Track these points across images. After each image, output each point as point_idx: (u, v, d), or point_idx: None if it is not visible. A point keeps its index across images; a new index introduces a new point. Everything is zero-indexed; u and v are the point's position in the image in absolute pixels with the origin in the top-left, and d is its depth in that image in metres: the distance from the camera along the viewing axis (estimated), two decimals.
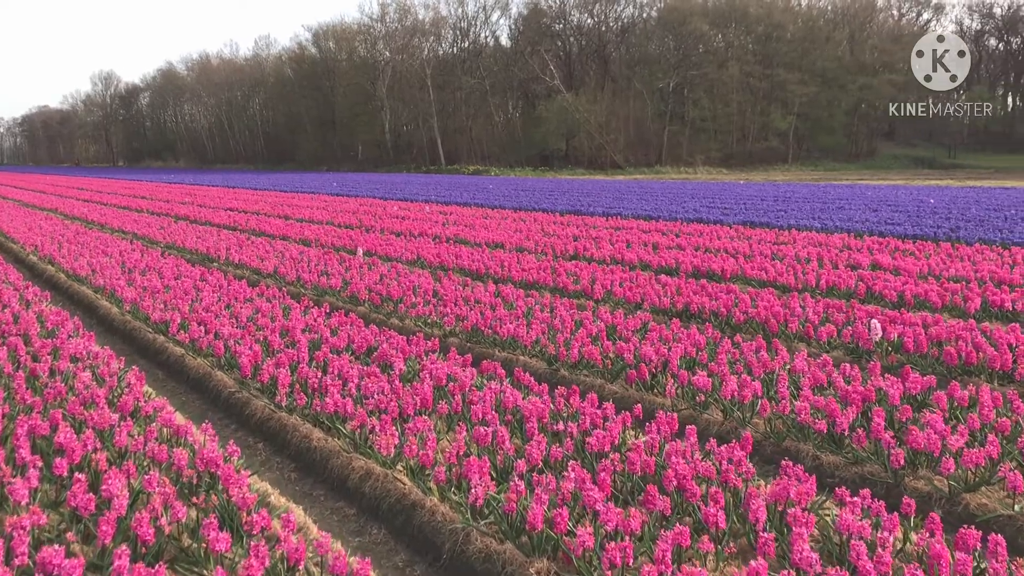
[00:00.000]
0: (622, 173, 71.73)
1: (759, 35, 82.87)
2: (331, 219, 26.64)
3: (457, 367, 8.53)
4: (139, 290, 13.64)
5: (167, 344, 10.71)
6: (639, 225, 23.73)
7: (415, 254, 17.83)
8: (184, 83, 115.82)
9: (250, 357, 8.84)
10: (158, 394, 8.74)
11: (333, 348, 9.51)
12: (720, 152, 79.36)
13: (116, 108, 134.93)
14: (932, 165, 74.05)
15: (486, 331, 10.53)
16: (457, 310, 11.56)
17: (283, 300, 12.77)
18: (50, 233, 23.24)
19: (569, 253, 18.00)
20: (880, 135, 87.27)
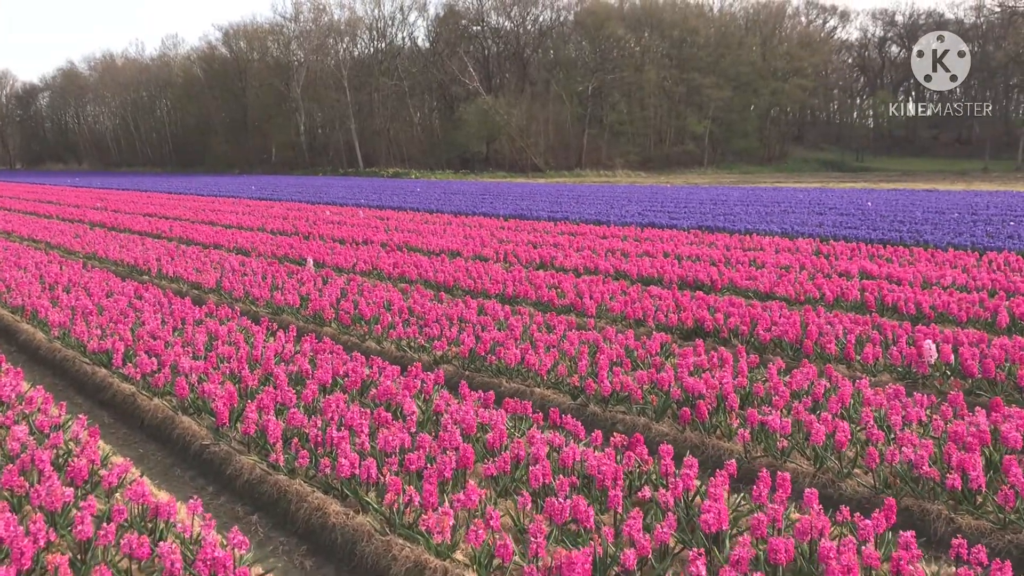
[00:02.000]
0: (543, 176, 71.17)
1: (675, 40, 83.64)
2: (263, 225, 24.80)
3: (477, 406, 7.20)
4: (66, 311, 11.84)
5: (111, 379, 9.03)
6: (592, 230, 22.72)
7: (370, 264, 16.36)
8: (87, 83, 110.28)
9: (225, 399, 7.32)
10: (109, 446, 7.16)
11: (321, 384, 8.05)
12: (639, 156, 79.79)
13: (12, 108, 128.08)
14: (841, 168, 75.90)
15: (489, 357, 9.20)
16: (447, 331, 10.19)
17: (238, 321, 11.18)
18: None
19: (535, 262, 16.80)
20: (790, 139, 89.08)
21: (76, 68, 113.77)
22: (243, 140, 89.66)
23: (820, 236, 20.38)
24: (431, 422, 7.17)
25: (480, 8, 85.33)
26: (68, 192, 46.26)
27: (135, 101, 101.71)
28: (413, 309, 11.78)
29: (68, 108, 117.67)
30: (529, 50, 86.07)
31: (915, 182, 53.10)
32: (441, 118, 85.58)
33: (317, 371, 8.28)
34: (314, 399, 7.55)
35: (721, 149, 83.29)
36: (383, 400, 7.55)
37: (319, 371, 8.24)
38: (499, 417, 6.83)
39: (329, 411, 7.06)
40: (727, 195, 38.91)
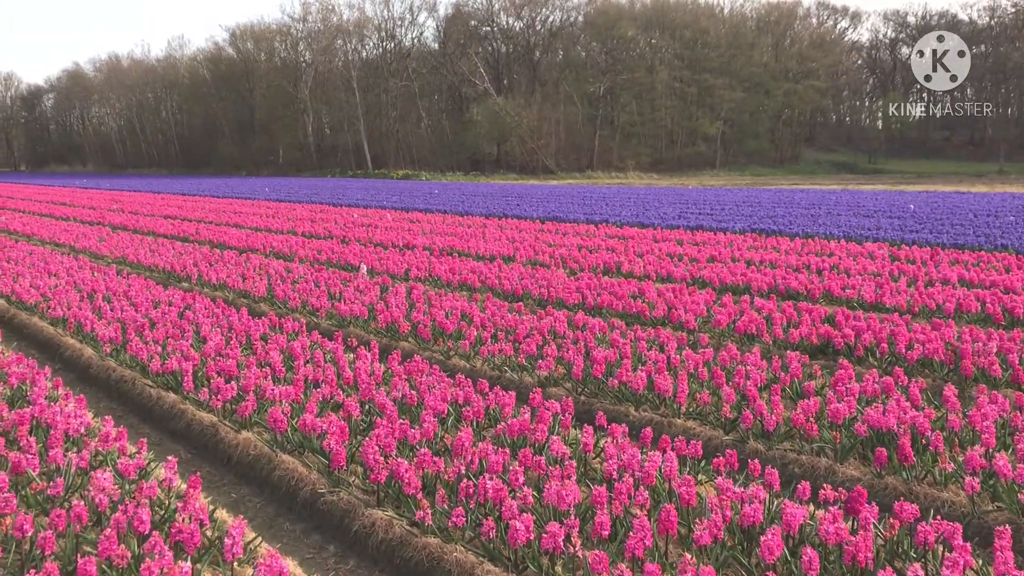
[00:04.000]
0: (554, 178, 70.25)
1: (686, 40, 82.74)
2: (293, 228, 23.68)
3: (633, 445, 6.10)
4: (114, 323, 10.73)
5: (183, 406, 7.91)
6: (639, 233, 21.64)
7: (424, 270, 15.25)
8: (92, 84, 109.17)
9: (337, 436, 6.22)
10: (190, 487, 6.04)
11: (437, 415, 6.94)
12: (650, 157, 78.99)
13: (17, 110, 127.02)
14: (854, 170, 75.06)
15: (610, 381, 8.09)
16: (547, 348, 9.07)
17: (309, 335, 10.07)
18: None
19: (599, 267, 15.72)
20: (801, 141, 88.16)
21: (81, 69, 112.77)
22: (250, 141, 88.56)
23: (888, 240, 19.30)
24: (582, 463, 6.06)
25: (490, 8, 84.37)
26: (79, 194, 45.09)
27: (141, 102, 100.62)
28: (495, 321, 10.67)
29: (73, 110, 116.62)
30: (539, 51, 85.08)
31: (933, 184, 52.10)
32: (451, 119, 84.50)
33: (428, 398, 7.17)
34: (436, 434, 6.45)
35: (733, 151, 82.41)
36: (514, 436, 6.45)
37: (430, 398, 7.14)
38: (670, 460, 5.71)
39: (460, 450, 5.96)
40: (756, 197, 37.89)
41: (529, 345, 9.27)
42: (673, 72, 78.41)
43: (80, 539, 4.94)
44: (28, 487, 5.53)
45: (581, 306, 12.07)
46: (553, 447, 5.95)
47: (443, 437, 6.48)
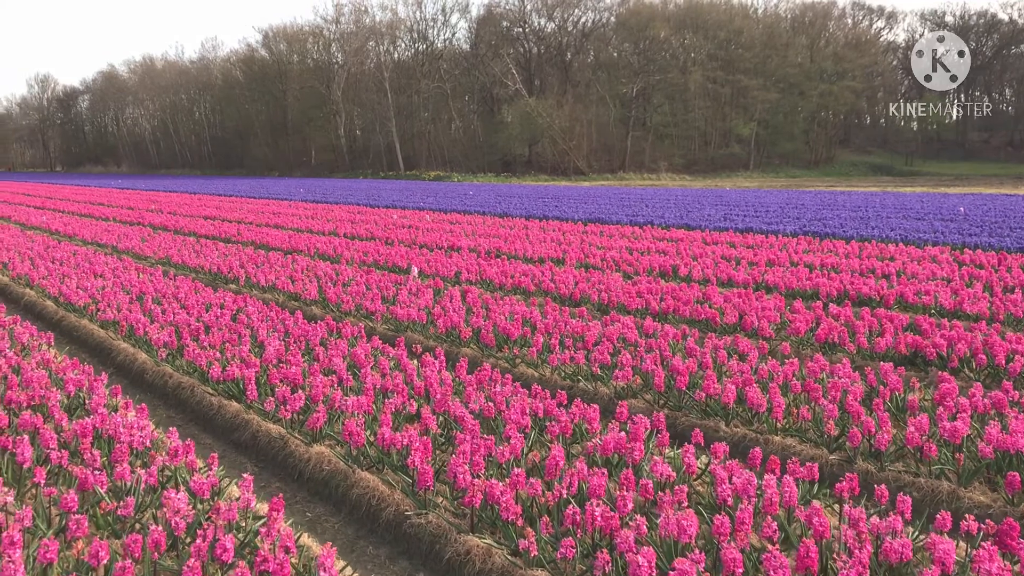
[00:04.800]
0: (586, 180, 69.82)
1: (720, 41, 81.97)
2: (334, 229, 23.37)
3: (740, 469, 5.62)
4: (167, 327, 10.40)
5: (247, 416, 7.50)
6: (687, 235, 21.09)
7: (474, 273, 14.83)
8: (126, 86, 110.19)
9: (421, 452, 5.79)
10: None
11: (520, 429, 6.50)
12: (683, 159, 78.42)
13: (53, 111, 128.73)
14: (890, 172, 74.03)
15: (696, 393, 7.61)
16: (620, 357, 8.60)
17: (369, 341, 9.67)
18: (14, 246, 19.52)
19: (655, 270, 15.23)
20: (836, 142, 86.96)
21: (116, 71, 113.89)
22: (282, 143, 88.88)
23: (949, 244, 18.63)
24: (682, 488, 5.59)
25: (522, 9, 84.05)
26: (115, 194, 45.17)
27: (174, 103, 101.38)
28: (559, 327, 10.21)
29: (108, 111, 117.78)
30: (571, 52, 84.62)
31: (974, 186, 51.05)
32: (482, 120, 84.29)
33: (508, 411, 6.74)
34: (523, 451, 6.01)
35: (766, 152, 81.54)
36: (608, 454, 6.00)
37: (511, 411, 6.71)
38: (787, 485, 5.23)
39: (554, 471, 5.51)
40: (797, 198, 37.17)
41: (601, 353, 8.80)
42: (706, 73, 77.70)
43: (158, 567, 4.56)
44: (97, 506, 5.16)
45: (645, 311, 11.60)
46: (656, 468, 5.49)
47: (529, 454, 6.03)
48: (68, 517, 4.85)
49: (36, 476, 5.39)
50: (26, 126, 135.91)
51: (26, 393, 7.36)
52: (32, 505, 5.24)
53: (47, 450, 5.97)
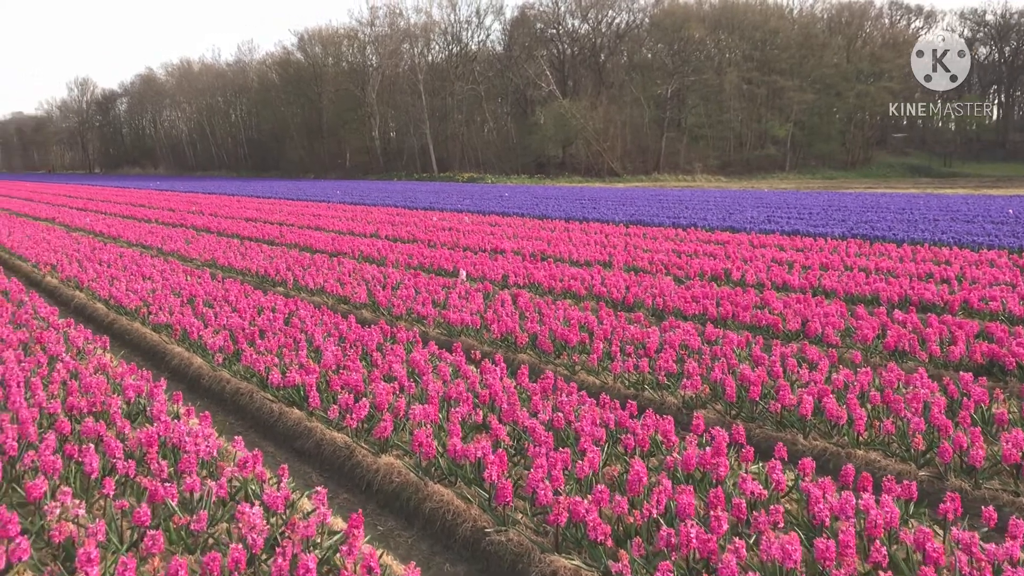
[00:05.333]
0: (621, 181, 69.49)
1: (755, 41, 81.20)
2: (376, 231, 23.29)
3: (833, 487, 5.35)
4: (221, 331, 10.30)
5: (310, 424, 7.34)
6: (733, 238, 20.72)
7: (522, 276, 14.62)
8: (164, 88, 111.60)
9: (497, 465, 5.59)
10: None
11: (595, 441, 6.28)
12: (718, 160, 77.82)
13: (92, 114, 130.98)
14: (929, 173, 72.88)
15: (771, 404, 7.35)
16: (686, 365, 8.35)
17: (426, 346, 9.50)
18: (61, 248, 19.60)
19: (706, 274, 14.94)
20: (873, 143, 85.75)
21: (154, 74, 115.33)
22: (317, 145, 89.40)
23: (1006, 248, 18.15)
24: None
25: (556, 11, 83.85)
26: (155, 196, 45.55)
27: (211, 106, 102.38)
28: (617, 333, 9.98)
29: (145, 113, 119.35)
30: (605, 53, 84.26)
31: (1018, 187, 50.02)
32: (516, 122, 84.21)
33: (578, 422, 6.53)
34: (601, 465, 5.80)
35: (802, 153, 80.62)
36: (690, 470, 5.76)
37: (582, 422, 6.49)
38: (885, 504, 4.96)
39: (636, 486, 5.29)
40: (839, 200, 36.60)
41: (665, 361, 8.56)
42: (742, 73, 77.03)
43: None
44: (170, 520, 5.02)
45: (703, 317, 11.33)
46: (744, 485, 5.24)
47: (606, 469, 5.81)
48: (143, 532, 4.71)
49: (105, 487, 5.26)
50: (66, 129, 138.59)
51: (86, 399, 7.26)
52: (103, 518, 5.10)
53: (113, 460, 5.85)
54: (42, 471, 5.61)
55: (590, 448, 5.95)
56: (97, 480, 5.62)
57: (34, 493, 5.18)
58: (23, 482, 5.77)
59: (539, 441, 6.20)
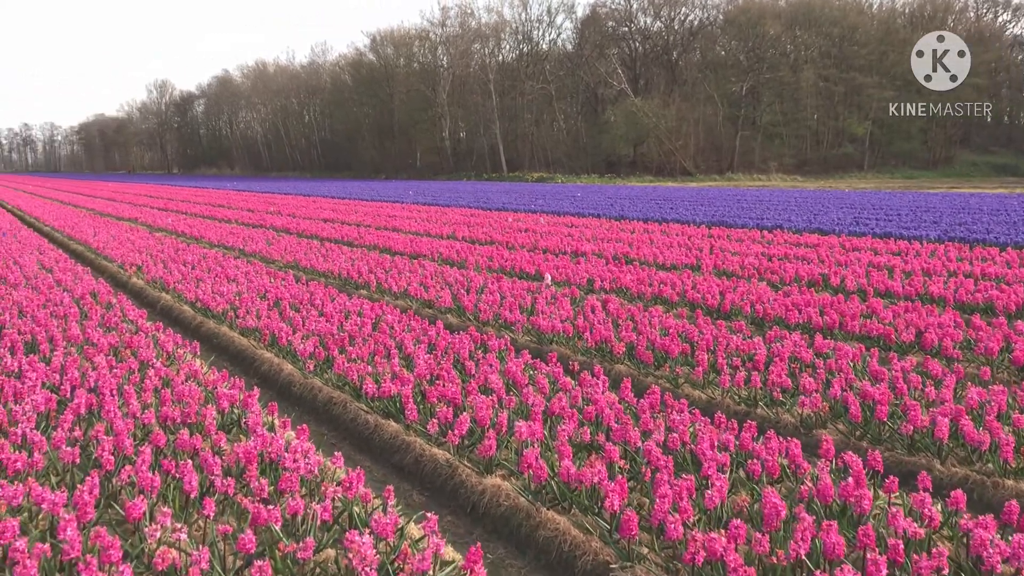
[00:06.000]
0: (693, 180, 68.44)
1: (834, 38, 79.06)
2: (452, 232, 23.08)
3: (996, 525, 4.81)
4: (310, 336, 10.09)
5: (408, 439, 7.01)
6: (822, 241, 19.93)
7: (608, 280, 14.16)
8: (240, 90, 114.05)
9: (617, 492, 5.19)
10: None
11: (720, 466, 5.82)
12: (794, 159, 76.09)
13: (171, 116, 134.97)
14: (1016, 172, 70.06)
15: (903, 426, 6.79)
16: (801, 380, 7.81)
17: (519, 355, 9.13)
18: (145, 248, 19.82)
19: (802, 279, 14.29)
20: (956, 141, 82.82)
21: (230, 76, 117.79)
22: (388, 145, 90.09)
23: None
24: None
25: (628, 9, 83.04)
26: (233, 196, 46.25)
27: (285, 107, 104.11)
28: (719, 343, 9.46)
29: (222, 115, 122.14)
30: (678, 51, 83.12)
31: None
32: (586, 121, 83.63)
33: (698, 444, 6.08)
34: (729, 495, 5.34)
35: (881, 152, 78.21)
36: (827, 501, 5.26)
37: (700, 444, 6.04)
38: None
39: (773, 521, 4.83)
40: (926, 201, 35.22)
41: (777, 374, 8.04)
42: (818, 70, 75.13)
43: None
44: (275, 548, 4.72)
45: (808, 326, 10.73)
46: (895, 521, 4.73)
47: (734, 498, 5.36)
48: (249, 559, 4.43)
49: (205, 508, 5.00)
50: (145, 130, 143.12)
51: (179, 408, 7.06)
52: (205, 543, 4.84)
53: (211, 476, 5.59)
54: (140, 488, 5.38)
55: (715, 474, 5.50)
56: (196, 499, 5.37)
57: (133, 513, 4.94)
58: (120, 499, 5.57)
59: (656, 465, 5.77)
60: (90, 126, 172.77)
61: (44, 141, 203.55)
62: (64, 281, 14.37)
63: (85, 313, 11.55)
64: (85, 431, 6.68)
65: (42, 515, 5.13)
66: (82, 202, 44.51)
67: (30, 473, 5.70)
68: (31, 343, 9.69)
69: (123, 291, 15.34)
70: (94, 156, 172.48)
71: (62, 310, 11.47)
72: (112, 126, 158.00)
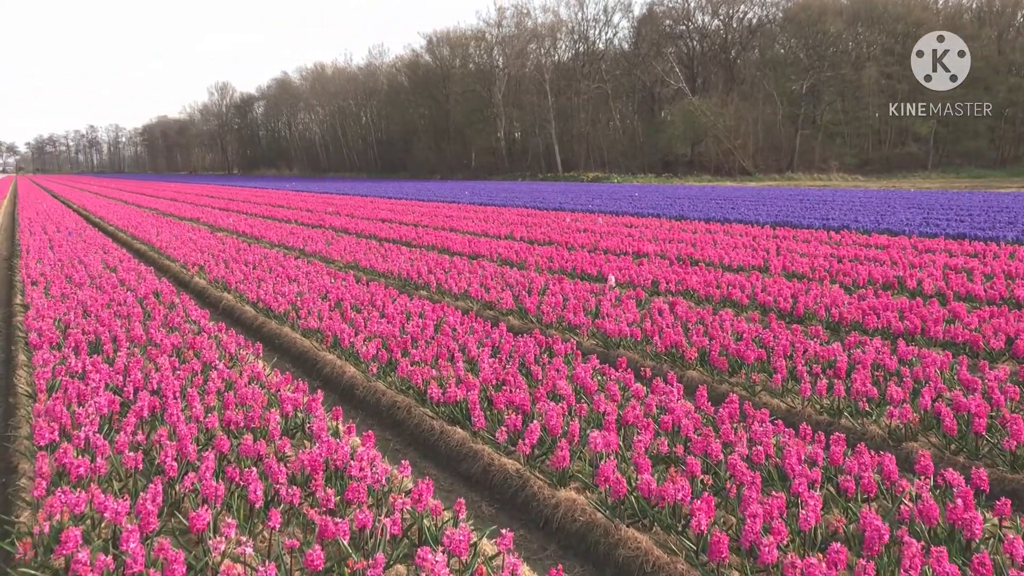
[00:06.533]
0: (752, 180, 67.39)
1: (897, 34, 77.09)
2: (510, 233, 22.83)
3: None
4: (372, 338, 9.91)
5: (476, 447, 6.74)
6: (893, 242, 19.23)
7: (673, 282, 13.77)
8: (298, 92, 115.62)
9: (706, 513, 4.87)
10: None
11: (810, 482, 5.46)
12: (855, 158, 74.46)
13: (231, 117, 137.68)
14: None
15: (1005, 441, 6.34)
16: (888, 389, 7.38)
17: (587, 360, 8.83)
18: (207, 248, 19.94)
19: (876, 282, 13.73)
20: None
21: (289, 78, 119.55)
22: (444, 146, 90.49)
23: None
24: None
25: (685, 7, 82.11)
26: (292, 196, 46.64)
27: (342, 109, 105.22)
28: (795, 348, 9.04)
29: (281, 116, 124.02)
30: (736, 49, 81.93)
31: None
32: (642, 120, 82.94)
33: (784, 458, 5.71)
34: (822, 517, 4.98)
35: (946, 151, 76.05)
36: (931, 524, 4.87)
37: (787, 458, 5.67)
38: None
39: (873, 545, 4.45)
40: (998, 201, 34.03)
41: (862, 383, 7.61)
42: (881, 68, 73.33)
43: None
44: (344, 564, 4.49)
45: (885, 331, 10.24)
46: (1013, 548, 4.33)
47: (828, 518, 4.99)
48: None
49: (270, 519, 4.79)
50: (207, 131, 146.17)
51: (243, 412, 6.90)
52: (271, 558, 4.64)
53: (276, 485, 5.39)
54: (203, 497, 5.20)
55: (804, 491, 5.14)
56: (261, 509, 5.17)
57: (197, 524, 4.75)
58: (183, 507, 5.40)
59: (741, 480, 5.43)
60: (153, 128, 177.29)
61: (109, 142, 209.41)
62: (128, 280, 14.43)
63: (148, 313, 11.52)
64: (148, 434, 6.56)
65: (104, 523, 4.96)
66: (145, 202, 45.28)
67: (92, 479, 5.56)
68: (95, 343, 9.66)
69: (185, 291, 15.38)
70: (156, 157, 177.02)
71: (125, 309, 11.46)
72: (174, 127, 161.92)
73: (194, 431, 6.31)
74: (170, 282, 15.12)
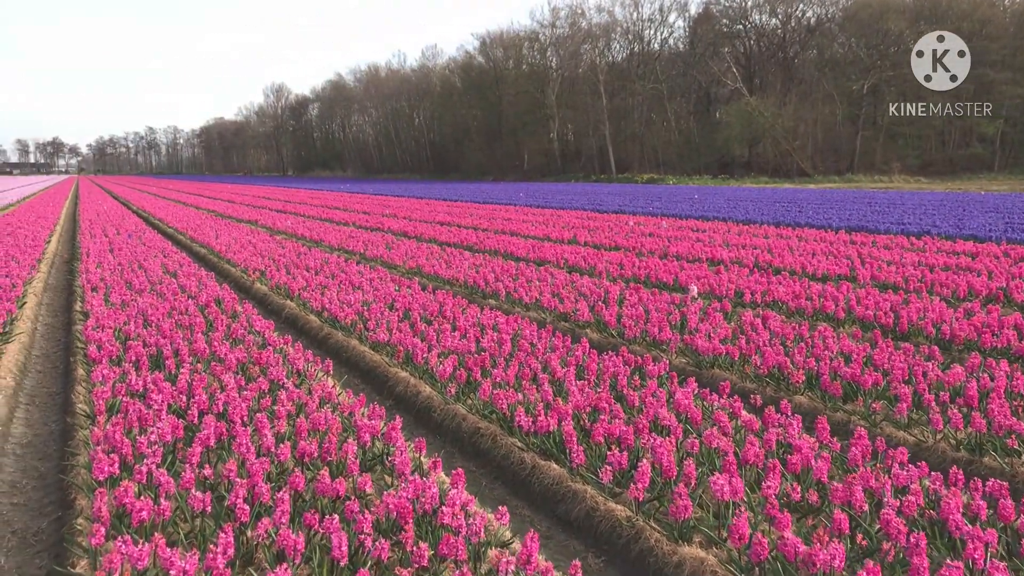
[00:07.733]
0: (811, 181, 65.83)
1: (963, 33, 74.60)
2: (574, 237, 22.08)
3: None
4: (448, 354, 9.25)
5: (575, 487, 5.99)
6: (981, 249, 18.09)
7: (759, 293, 12.90)
8: (352, 94, 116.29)
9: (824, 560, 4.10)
10: None
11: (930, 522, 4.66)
12: (918, 159, 72.38)
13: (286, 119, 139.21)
14: None
15: None
16: None
17: (685, 384, 8.06)
18: (266, 252, 19.50)
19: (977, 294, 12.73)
20: None
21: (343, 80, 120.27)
22: (497, 147, 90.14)
23: None
24: None
25: (742, 6, 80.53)
26: (347, 198, 46.39)
27: (396, 110, 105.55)
28: (914, 372, 8.17)
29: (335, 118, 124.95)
30: (794, 48, 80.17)
31: None
32: (698, 121, 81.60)
33: (940, 509, 4.90)
34: None
35: (1014, 152, 73.46)
36: None
37: (946, 511, 4.86)
38: None
39: None
40: None
41: (1002, 414, 6.72)
42: None
43: None
44: None
45: (1006, 351, 9.29)
46: None
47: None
48: None
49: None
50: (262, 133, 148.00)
51: (316, 441, 6.27)
52: None
53: (360, 535, 4.73)
54: (280, 549, 4.56)
55: (982, 557, 4.34)
56: (347, 568, 4.51)
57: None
58: (256, 560, 4.77)
59: (896, 538, 4.64)
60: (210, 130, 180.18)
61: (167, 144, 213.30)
62: (188, 287, 13.98)
63: (211, 323, 11.00)
64: (215, 467, 5.95)
65: None
66: (203, 203, 45.36)
67: (156, 525, 4.96)
68: (156, 356, 9.14)
69: (247, 297, 14.90)
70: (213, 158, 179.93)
71: (187, 319, 10.94)
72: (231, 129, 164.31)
73: (266, 465, 5.67)
74: (231, 288, 14.63)
